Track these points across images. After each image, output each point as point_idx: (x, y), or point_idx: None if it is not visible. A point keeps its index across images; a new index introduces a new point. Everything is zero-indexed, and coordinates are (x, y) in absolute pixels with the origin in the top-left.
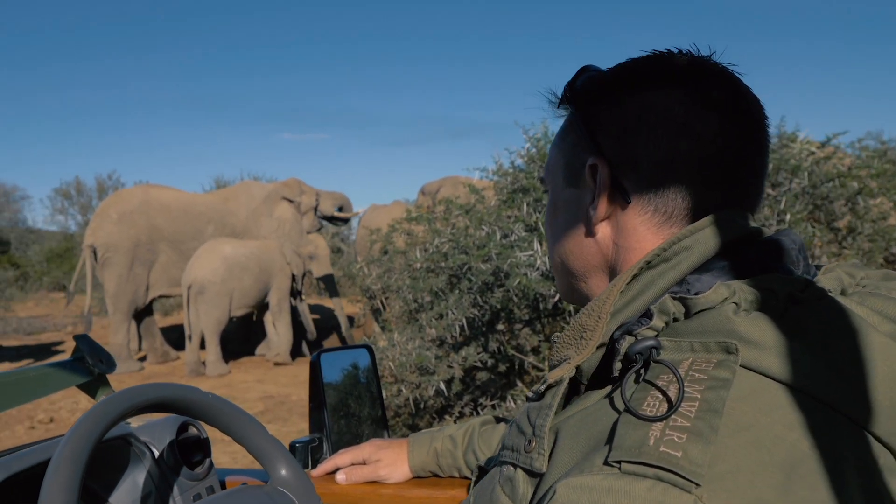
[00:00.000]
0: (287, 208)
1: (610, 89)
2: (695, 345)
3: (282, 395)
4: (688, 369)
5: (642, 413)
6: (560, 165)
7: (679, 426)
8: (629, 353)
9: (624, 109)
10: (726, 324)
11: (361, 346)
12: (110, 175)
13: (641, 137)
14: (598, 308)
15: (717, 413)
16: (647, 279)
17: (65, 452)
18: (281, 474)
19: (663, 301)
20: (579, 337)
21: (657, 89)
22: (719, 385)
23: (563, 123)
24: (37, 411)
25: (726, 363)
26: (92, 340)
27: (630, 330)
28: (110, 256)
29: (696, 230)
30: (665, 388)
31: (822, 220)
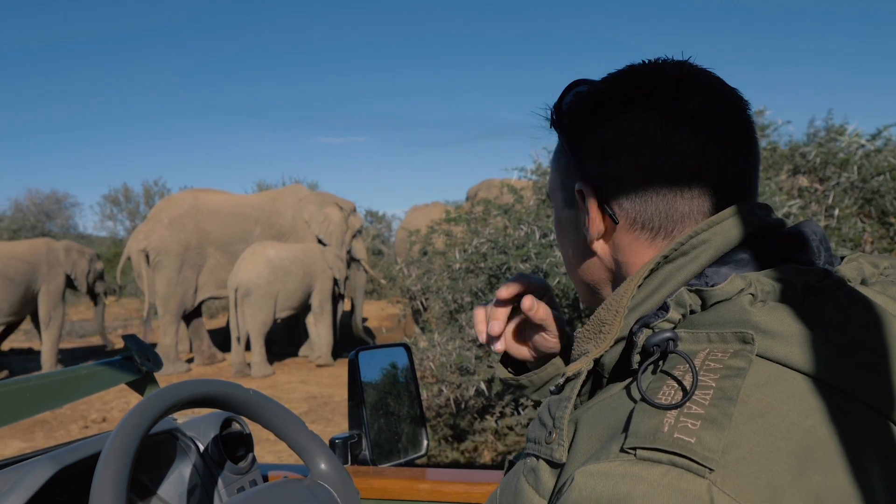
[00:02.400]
0: (337, 212)
1: (589, 113)
2: (711, 335)
3: (325, 396)
4: (704, 359)
5: (657, 401)
6: (558, 186)
7: (693, 413)
8: (647, 346)
9: (604, 133)
10: (742, 314)
11: (399, 344)
12: (156, 181)
13: (622, 160)
14: (616, 303)
15: (731, 401)
16: (665, 273)
17: (114, 445)
18: (320, 468)
19: (679, 293)
20: (598, 331)
21: (631, 111)
22: (734, 374)
23: (557, 144)
24: (90, 411)
25: (742, 353)
26: (140, 340)
27: (647, 323)
28: (161, 260)
29: (714, 223)
30: (680, 377)
31: (873, 215)
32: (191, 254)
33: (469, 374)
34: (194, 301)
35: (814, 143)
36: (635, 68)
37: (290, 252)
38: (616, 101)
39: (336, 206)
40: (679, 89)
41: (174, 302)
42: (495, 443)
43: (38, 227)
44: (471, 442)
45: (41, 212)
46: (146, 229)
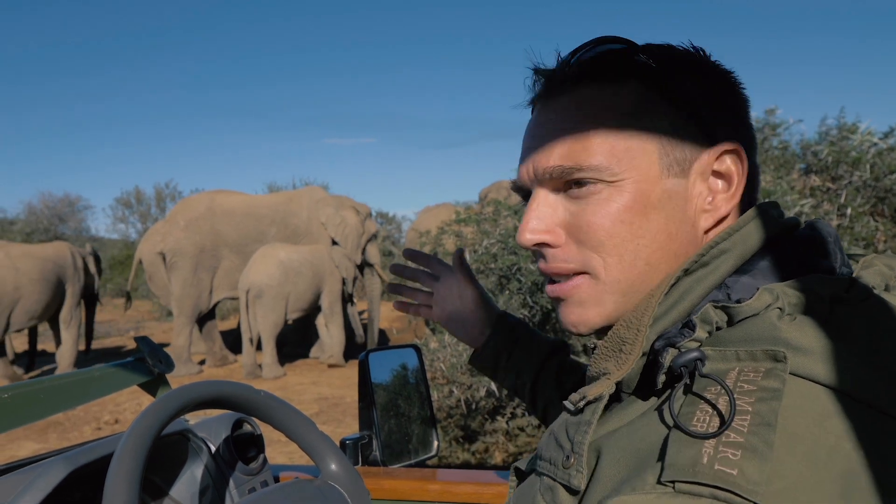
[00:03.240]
0: (353, 215)
1: (690, 64)
2: (740, 353)
3: (336, 397)
4: (736, 380)
5: (693, 429)
6: (648, 151)
7: (733, 442)
8: (673, 366)
9: (726, 98)
10: (772, 331)
11: (409, 345)
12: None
13: (746, 129)
14: (637, 320)
15: (770, 427)
16: (686, 286)
17: (127, 446)
18: (331, 469)
19: (705, 310)
20: (618, 350)
21: (729, 83)
22: (770, 396)
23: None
24: (103, 413)
25: (774, 372)
26: (152, 342)
27: (672, 342)
28: (176, 261)
29: (734, 230)
30: (714, 400)
31: (886, 214)
32: (205, 256)
33: (480, 375)
34: (209, 303)
35: (826, 142)
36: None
37: (299, 253)
38: (710, 67)
39: (353, 210)
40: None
41: (189, 303)
42: (506, 444)
43: (51, 231)
44: (481, 443)
45: (54, 215)
46: (163, 231)
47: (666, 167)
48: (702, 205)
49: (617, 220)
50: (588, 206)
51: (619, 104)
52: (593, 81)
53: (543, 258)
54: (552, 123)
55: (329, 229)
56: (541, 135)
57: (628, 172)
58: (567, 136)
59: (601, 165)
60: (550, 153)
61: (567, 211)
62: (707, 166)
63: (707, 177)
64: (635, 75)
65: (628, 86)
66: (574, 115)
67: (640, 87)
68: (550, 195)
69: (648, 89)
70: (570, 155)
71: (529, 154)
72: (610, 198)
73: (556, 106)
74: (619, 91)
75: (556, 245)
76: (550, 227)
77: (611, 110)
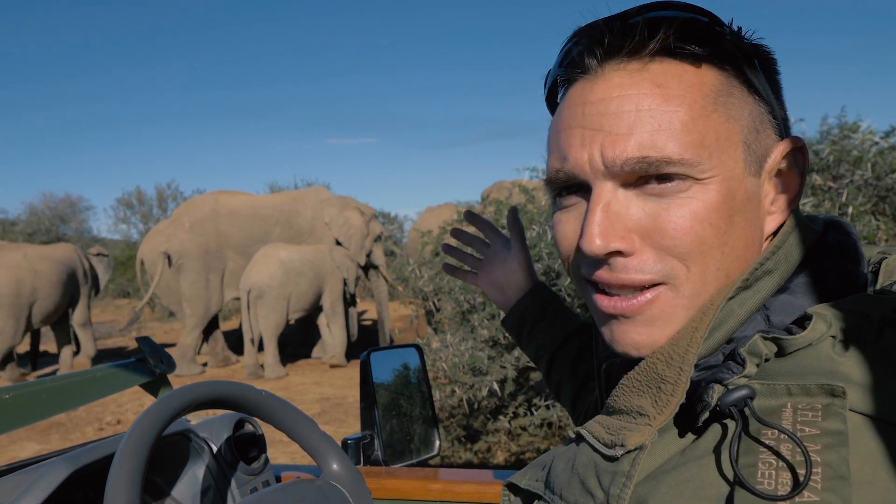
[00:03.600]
0: (358, 216)
1: (754, 45)
2: (792, 388)
3: (338, 397)
4: (793, 421)
5: (761, 489)
6: (735, 144)
7: (808, 502)
8: (721, 406)
9: (775, 72)
10: (828, 364)
11: (411, 345)
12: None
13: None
14: (680, 357)
15: (845, 480)
16: (727, 311)
17: (128, 446)
18: (332, 469)
19: (754, 343)
20: (656, 388)
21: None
22: (837, 442)
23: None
24: (105, 413)
25: (833, 409)
26: (153, 342)
27: (718, 378)
28: (183, 263)
29: (777, 248)
30: (775, 446)
31: (888, 213)
32: (211, 256)
33: (482, 375)
34: (220, 303)
35: (827, 141)
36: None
37: (301, 254)
38: (771, 55)
39: (357, 211)
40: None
41: (200, 304)
42: (508, 443)
43: (53, 231)
44: (484, 442)
45: (55, 215)
46: (168, 232)
47: (748, 164)
48: (767, 207)
49: (706, 223)
50: (672, 205)
51: (702, 87)
52: (672, 55)
53: (608, 266)
54: (624, 102)
55: (333, 229)
56: (609, 114)
57: (718, 168)
58: (648, 120)
59: (692, 160)
60: (628, 140)
61: (642, 210)
62: (775, 164)
63: (773, 175)
64: (716, 53)
65: (708, 65)
66: (653, 94)
67: (719, 67)
68: (620, 191)
69: (728, 71)
70: (656, 144)
71: (592, 138)
72: (697, 197)
73: (625, 81)
74: (701, 71)
75: (631, 252)
76: (624, 232)
77: (696, 92)
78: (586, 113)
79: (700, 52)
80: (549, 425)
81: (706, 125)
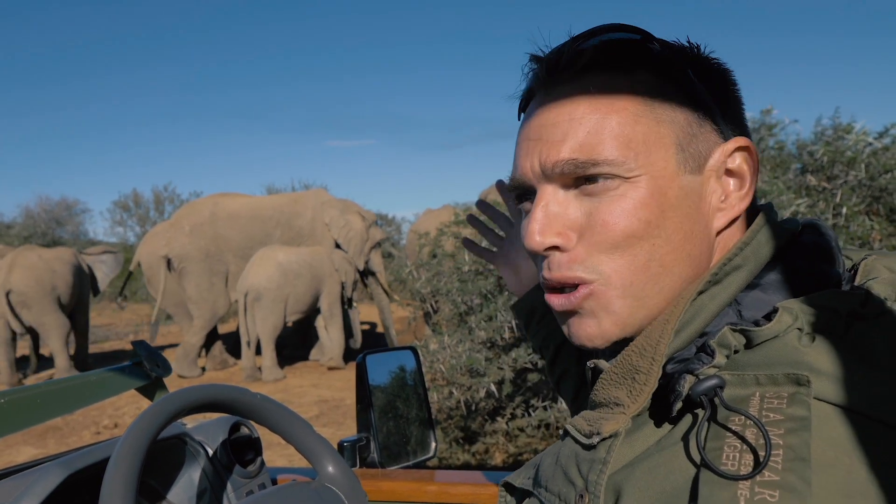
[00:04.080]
0: (359, 220)
1: (695, 57)
2: (760, 377)
3: (336, 400)
4: (760, 408)
5: (724, 470)
6: (665, 144)
7: (768, 482)
8: (692, 396)
9: (732, 91)
10: (794, 354)
11: (407, 347)
12: (166, 186)
13: (742, 117)
14: (652, 348)
15: (805, 462)
16: (698, 305)
17: (123, 450)
18: (328, 471)
19: (723, 334)
20: (630, 378)
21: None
22: (800, 427)
23: (646, 87)
24: (102, 417)
25: (798, 397)
26: (149, 346)
27: (690, 368)
28: (185, 266)
29: (745, 245)
30: (741, 431)
31: (882, 213)
32: (212, 260)
33: (479, 376)
34: (227, 305)
35: (821, 142)
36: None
37: (298, 256)
38: (714, 64)
39: (358, 215)
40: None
41: (206, 307)
42: (506, 444)
43: (49, 234)
44: (482, 444)
45: (51, 218)
46: (168, 236)
47: (682, 162)
48: (716, 203)
49: (634, 218)
50: (602, 202)
51: (632, 95)
52: (604, 70)
53: (547, 266)
54: (560, 113)
55: (332, 231)
56: (547, 125)
57: (645, 167)
58: (579, 127)
59: (617, 159)
60: (561, 146)
61: (579, 210)
62: (720, 163)
63: (721, 174)
64: (649, 65)
65: (641, 75)
66: (585, 104)
67: (653, 77)
68: (560, 192)
69: (663, 81)
70: (584, 148)
71: (534, 147)
72: (626, 194)
73: (562, 94)
74: (632, 80)
75: (567, 248)
76: (561, 229)
77: (625, 99)
78: (531, 126)
79: (630, 65)
80: (546, 426)
81: (634, 129)
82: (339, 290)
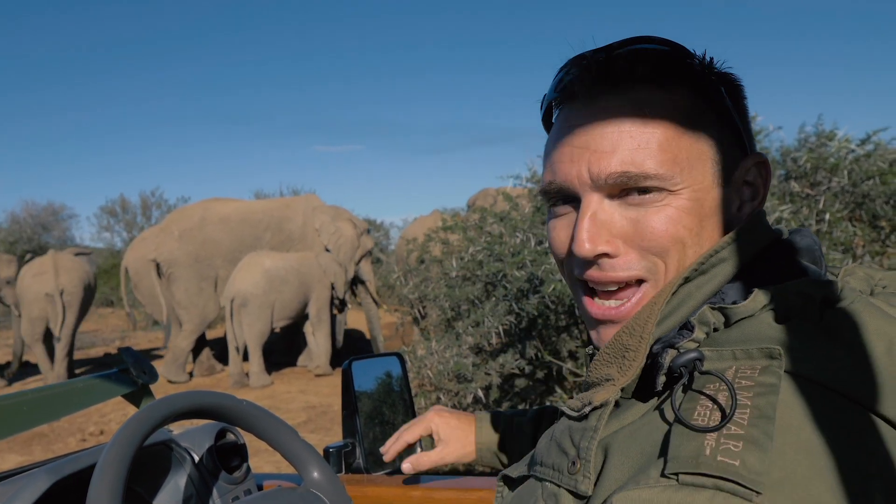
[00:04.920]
0: (350, 227)
1: (733, 83)
2: (737, 352)
3: (324, 406)
4: (734, 377)
5: (694, 423)
6: (704, 160)
7: (734, 434)
8: (673, 367)
9: (742, 100)
10: (767, 330)
11: (392, 353)
12: (154, 192)
13: (750, 125)
14: (640, 328)
15: (769, 419)
16: (685, 293)
17: (109, 456)
18: (313, 477)
19: (703, 312)
20: (621, 356)
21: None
22: (768, 391)
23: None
24: (88, 424)
25: (771, 368)
26: (135, 352)
27: (672, 343)
28: (174, 272)
29: (732, 241)
30: (713, 395)
31: (864, 219)
32: (201, 265)
33: (467, 382)
34: (216, 310)
35: (804, 149)
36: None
37: (285, 262)
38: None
39: (350, 222)
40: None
41: (195, 312)
42: None
43: (35, 240)
44: None
45: (38, 224)
46: (157, 241)
47: (716, 175)
48: (734, 212)
49: (680, 225)
50: (649, 212)
51: (674, 111)
52: (649, 83)
53: (597, 266)
54: (608, 124)
55: (322, 236)
56: (595, 135)
57: (689, 181)
58: (629, 140)
59: (666, 174)
60: (611, 157)
61: (624, 218)
62: (742, 176)
63: (740, 186)
64: (687, 82)
65: (680, 92)
66: (634, 117)
67: (689, 93)
68: (605, 201)
69: (697, 97)
70: (635, 161)
71: (580, 155)
72: (671, 205)
73: (609, 105)
74: (672, 96)
75: (616, 255)
76: (609, 237)
77: (670, 116)
78: (575, 133)
79: (673, 81)
80: None
81: (679, 144)
82: (328, 296)
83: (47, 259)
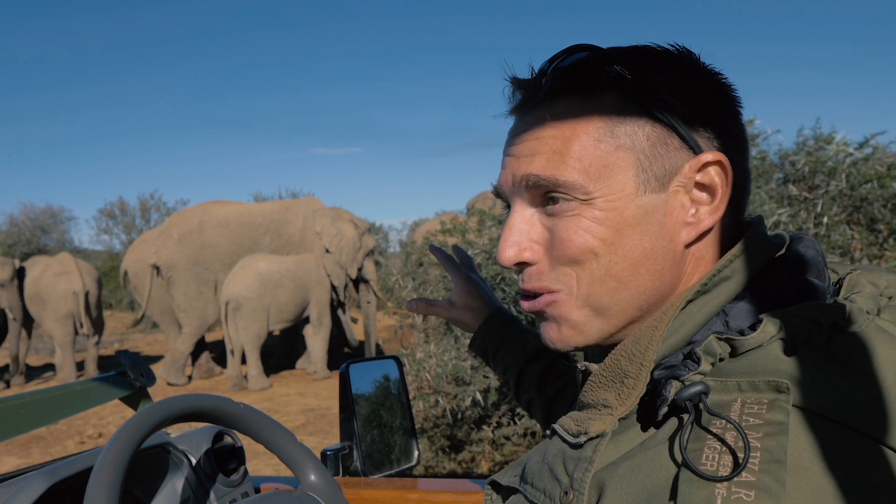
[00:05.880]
0: (352, 228)
1: (669, 69)
2: (742, 384)
3: (323, 409)
4: (740, 413)
5: (703, 471)
6: (624, 168)
7: (745, 482)
8: (677, 401)
9: (713, 102)
10: (775, 363)
11: (390, 357)
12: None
13: (728, 123)
14: (641, 354)
15: (781, 464)
16: (686, 314)
17: (106, 459)
18: (310, 480)
19: (709, 343)
20: (619, 382)
21: (718, 87)
22: (777, 431)
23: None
24: (86, 427)
25: (777, 403)
26: (133, 355)
27: (676, 375)
28: (173, 275)
29: (735, 257)
30: (721, 434)
31: (862, 223)
32: (201, 268)
33: (465, 385)
34: (216, 313)
35: (803, 152)
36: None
37: (281, 265)
38: (693, 70)
39: (351, 223)
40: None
41: (195, 315)
42: (492, 453)
43: (34, 242)
44: (468, 452)
45: (36, 226)
46: (157, 244)
47: (642, 183)
48: (683, 217)
49: (589, 236)
50: (561, 222)
51: (594, 118)
52: (568, 94)
53: (521, 278)
54: (530, 135)
55: (324, 239)
56: (518, 143)
57: (601, 191)
58: (545, 147)
59: (575, 183)
60: (529, 163)
61: (543, 227)
62: (689, 178)
63: (690, 189)
64: (611, 86)
65: (604, 98)
66: (550, 126)
67: (616, 98)
68: (528, 209)
69: (626, 100)
70: (547, 167)
71: (508, 162)
72: (582, 214)
73: (532, 118)
74: (595, 104)
75: (535, 262)
76: (528, 245)
77: (586, 125)
78: (508, 143)
79: (596, 89)
80: (532, 434)
81: (594, 153)
82: (328, 299)
83: (66, 258)
